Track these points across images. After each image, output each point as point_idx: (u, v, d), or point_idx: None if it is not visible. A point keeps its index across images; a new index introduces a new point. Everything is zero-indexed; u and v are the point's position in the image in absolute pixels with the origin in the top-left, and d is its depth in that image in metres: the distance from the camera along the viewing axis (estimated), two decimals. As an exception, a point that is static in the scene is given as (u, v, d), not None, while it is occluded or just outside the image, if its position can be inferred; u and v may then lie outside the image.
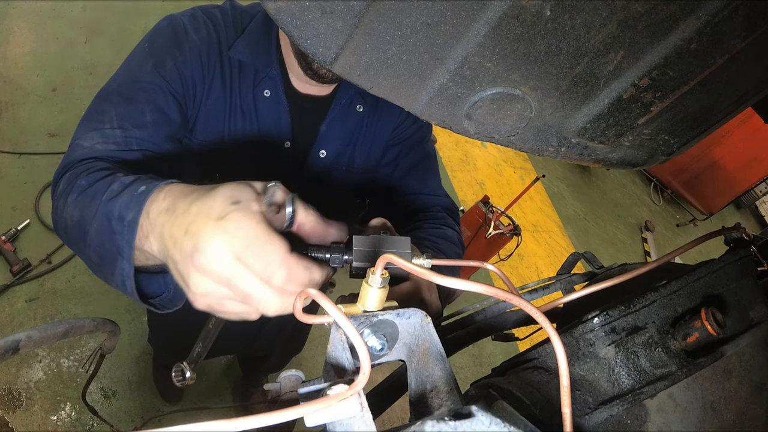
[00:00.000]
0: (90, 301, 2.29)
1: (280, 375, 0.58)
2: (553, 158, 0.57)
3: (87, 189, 0.74)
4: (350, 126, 1.18)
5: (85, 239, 0.71)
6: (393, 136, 1.23)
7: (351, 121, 1.17)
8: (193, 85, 1.01)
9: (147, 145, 0.93)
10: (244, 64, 1.05)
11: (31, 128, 2.67)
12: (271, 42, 1.07)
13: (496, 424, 0.37)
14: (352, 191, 1.29)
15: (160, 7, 3.55)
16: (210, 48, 1.02)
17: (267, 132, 1.12)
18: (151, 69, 0.97)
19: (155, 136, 0.94)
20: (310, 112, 1.15)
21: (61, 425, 1.97)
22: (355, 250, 0.67)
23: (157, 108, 0.96)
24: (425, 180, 1.27)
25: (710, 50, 0.46)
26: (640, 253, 4.78)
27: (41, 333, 0.68)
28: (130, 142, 0.90)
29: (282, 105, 1.10)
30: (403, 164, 1.25)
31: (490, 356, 2.97)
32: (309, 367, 2.48)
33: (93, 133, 0.89)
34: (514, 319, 0.85)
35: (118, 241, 0.64)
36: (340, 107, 1.14)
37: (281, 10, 0.45)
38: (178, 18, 1.02)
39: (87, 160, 0.85)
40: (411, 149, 1.25)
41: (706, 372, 0.53)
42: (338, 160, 1.21)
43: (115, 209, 0.66)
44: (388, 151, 1.24)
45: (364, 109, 1.17)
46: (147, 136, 0.93)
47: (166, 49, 0.99)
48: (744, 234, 0.68)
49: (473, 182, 4.07)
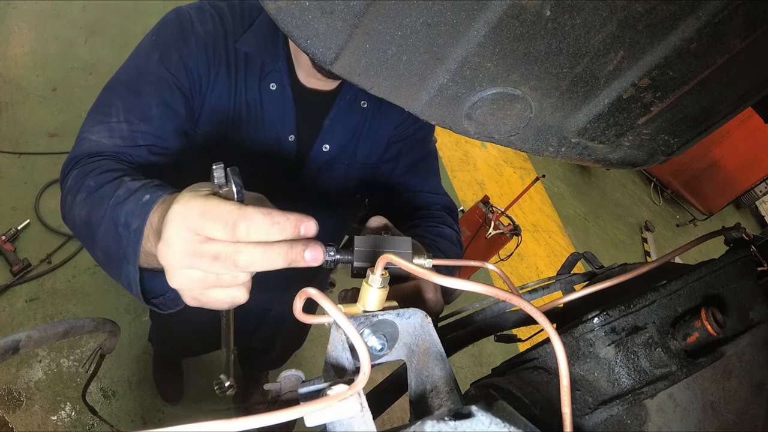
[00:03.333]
0: (90, 301, 2.29)
1: (280, 375, 0.58)
2: (553, 158, 0.58)
3: (95, 191, 0.77)
4: (354, 121, 1.19)
5: (94, 239, 0.74)
6: (395, 134, 1.24)
7: (355, 116, 1.18)
8: (199, 77, 1.02)
9: (152, 139, 0.94)
10: (250, 57, 1.06)
11: (31, 128, 2.67)
12: (279, 36, 1.07)
13: (496, 424, 0.37)
14: (353, 186, 1.30)
15: (160, 6, 3.55)
16: (216, 40, 1.02)
17: (271, 125, 1.13)
18: (157, 61, 0.98)
19: (161, 130, 0.96)
20: (314, 107, 1.15)
21: (61, 425, 1.97)
22: (356, 250, 0.67)
23: (163, 102, 0.97)
24: (426, 178, 1.28)
25: (710, 50, 0.46)
26: (640, 253, 4.78)
27: (41, 333, 0.68)
28: (136, 137, 0.92)
29: (287, 99, 1.10)
30: (404, 162, 1.26)
31: (490, 356, 2.97)
32: (309, 367, 2.48)
33: (100, 126, 0.92)
34: (514, 319, 0.85)
35: (125, 246, 0.68)
36: (344, 102, 1.15)
37: (281, 10, 0.45)
38: (185, 10, 1.04)
39: (94, 157, 0.87)
40: (412, 147, 1.26)
41: (706, 372, 0.53)
42: (341, 154, 1.21)
43: (121, 216, 0.69)
44: (389, 147, 1.25)
45: (369, 105, 1.18)
46: (153, 129, 0.94)
47: (171, 41, 0.99)
48: (744, 234, 0.68)
49: (473, 182, 4.07)
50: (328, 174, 1.24)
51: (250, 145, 1.13)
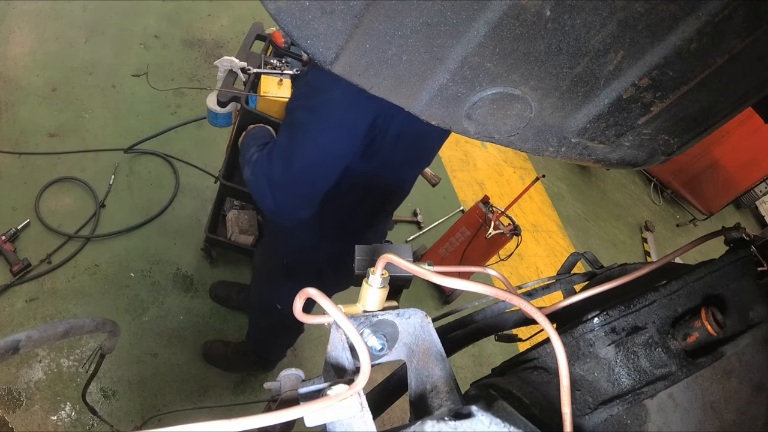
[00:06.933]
0: (90, 301, 2.29)
1: (279, 374, 0.58)
2: (553, 158, 0.58)
3: None
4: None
5: None
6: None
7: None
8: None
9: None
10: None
11: (31, 128, 2.66)
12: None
13: (496, 424, 0.37)
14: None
15: (160, 6, 3.54)
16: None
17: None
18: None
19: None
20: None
21: (61, 425, 1.96)
22: (357, 258, 0.68)
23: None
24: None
25: (710, 50, 0.46)
26: (640, 253, 4.78)
27: (41, 333, 0.68)
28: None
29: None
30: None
31: (490, 356, 2.96)
32: (309, 367, 2.48)
33: None
34: (514, 319, 0.85)
35: None
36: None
37: (281, 10, 0.45)
38: None
39: None
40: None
41: (706, 372, 0.53)
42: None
43: None
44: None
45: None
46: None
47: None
48: (744, 234, 0.67)
49: (473, 182, 4.07)
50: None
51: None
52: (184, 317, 2.40)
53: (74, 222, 2.45)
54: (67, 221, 2.44)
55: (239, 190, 2.04)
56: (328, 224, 1.43)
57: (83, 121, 2.81)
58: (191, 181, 2.80)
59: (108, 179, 2.62)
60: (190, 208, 2.73)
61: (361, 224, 1.49)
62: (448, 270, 0.85)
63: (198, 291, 2.48)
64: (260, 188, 1.27)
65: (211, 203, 2.44)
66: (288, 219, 1.35)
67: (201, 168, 2.82)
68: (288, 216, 1.33)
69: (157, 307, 2.37)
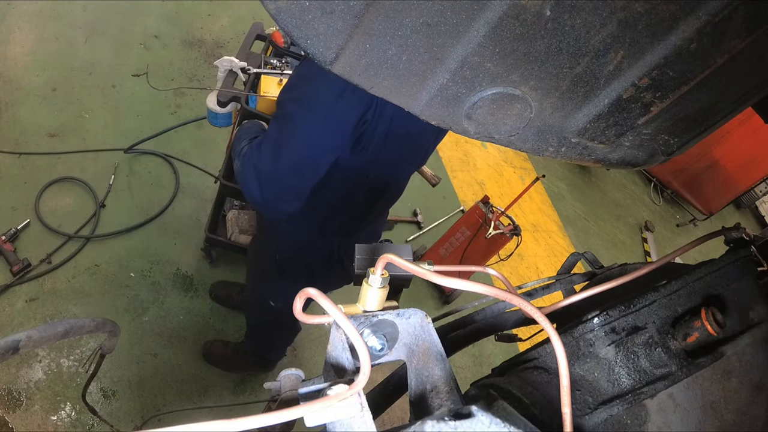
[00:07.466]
0: (90, 301, 2.29)
1: (279, 374, 0.58)
2: (553, 158, 0.58)
3: None
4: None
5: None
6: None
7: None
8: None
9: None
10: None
11: (31, 128, 2.66)
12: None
13: (496, 424, 0.37)
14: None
15: (160, 6, 3.54)
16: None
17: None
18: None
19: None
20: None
21: (61, 425, 1.96)
22: (357, 258, 0.67)
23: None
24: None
25: (710, 50, 0.46)
26: (640, 253, 4.78)
27: (41, 333, 0.68)
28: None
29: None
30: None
31: (490, 356, 2.96)
32: (309, 366, 2.47)
33: None
34: (514, 319, 0.85)
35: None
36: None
37: (281, 10, 0.45)
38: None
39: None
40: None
41: (706, 372, 0.53)
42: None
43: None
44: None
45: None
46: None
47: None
48: (744, 234, 0.67)
49: (473, 182, 4.07)
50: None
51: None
52: (184, 317, 2.40)
53: (74, 222, 2.45)
54: (67, 221, 2.44)
55: (239, 190, 2.04)
56: (318, 220, 1.42)
57: (83, 121, 2.81)
58: (191, 181, 2.80)
59: (108, 179, 2.62)
60: (190, 208, 2.73)
61: (352, 221, 1.48)
62: (448, 270, 0.85)
63: (198, 291, 2.48)
64: (247, 180, 1.26)
65: (211, 203, 2.44)
66: (275, 212, 1.34)
67: (201, 168, 2.82)
68: (275, 209, 1.32)
69: (157, 307, 2.37)
